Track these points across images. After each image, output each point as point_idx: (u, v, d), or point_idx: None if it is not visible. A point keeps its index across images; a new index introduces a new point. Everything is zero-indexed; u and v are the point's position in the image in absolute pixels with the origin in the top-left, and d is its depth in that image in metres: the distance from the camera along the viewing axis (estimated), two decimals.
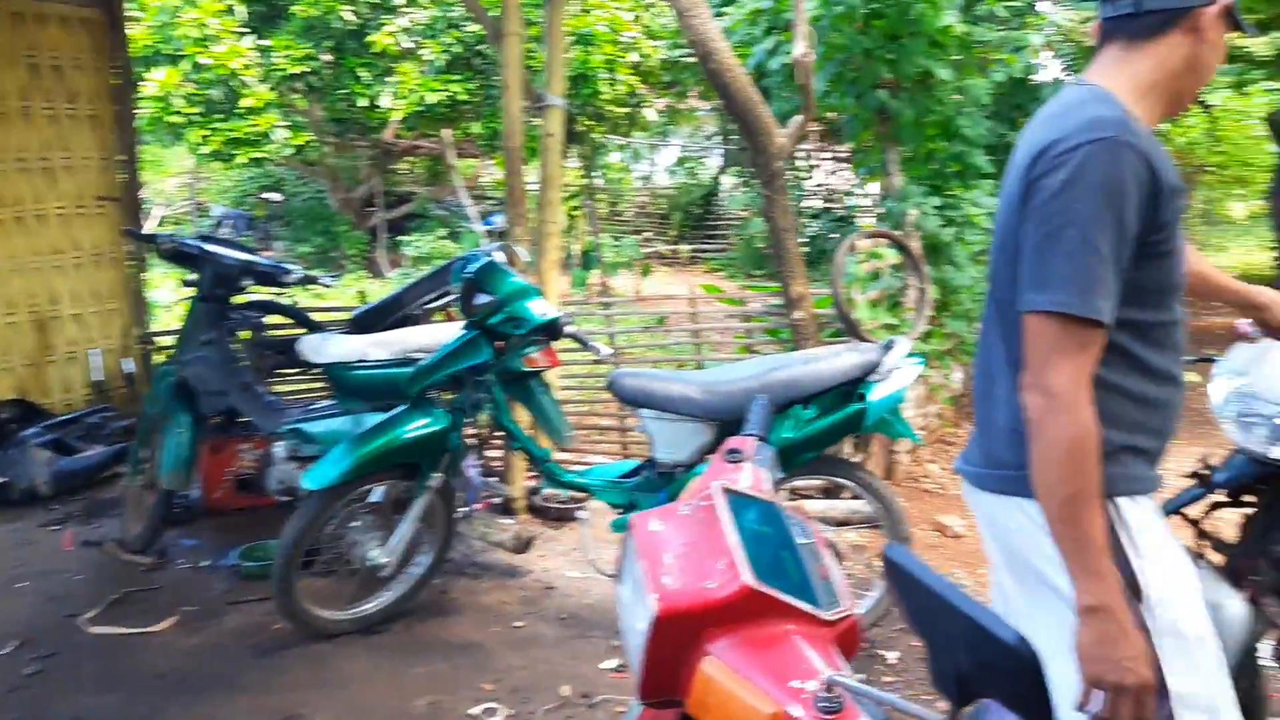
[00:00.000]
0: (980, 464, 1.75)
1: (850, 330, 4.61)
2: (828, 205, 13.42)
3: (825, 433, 3.24)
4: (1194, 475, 2.23)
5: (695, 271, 14.26)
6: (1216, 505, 2.25)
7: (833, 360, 3.25)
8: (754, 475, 1.45)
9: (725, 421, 3.24)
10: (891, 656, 3.49)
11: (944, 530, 4.84)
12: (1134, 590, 1.54)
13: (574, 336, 3.57)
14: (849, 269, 4.81)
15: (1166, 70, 1.64)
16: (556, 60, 4.37)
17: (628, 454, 5.15)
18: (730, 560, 1.16)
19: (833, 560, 1.34)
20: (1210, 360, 2.83)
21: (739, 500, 1.30)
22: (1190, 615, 1.60)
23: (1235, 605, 2.07)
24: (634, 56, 10.84)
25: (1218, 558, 2.19)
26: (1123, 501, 1.59)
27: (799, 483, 4.07)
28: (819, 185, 14.20)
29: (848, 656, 1.19)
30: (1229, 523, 2.22)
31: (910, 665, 3.43)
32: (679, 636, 1.15)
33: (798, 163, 13.86)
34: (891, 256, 5.15)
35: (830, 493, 4.46)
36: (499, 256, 3.61)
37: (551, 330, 3.45)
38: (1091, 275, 1.48)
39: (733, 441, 1.63)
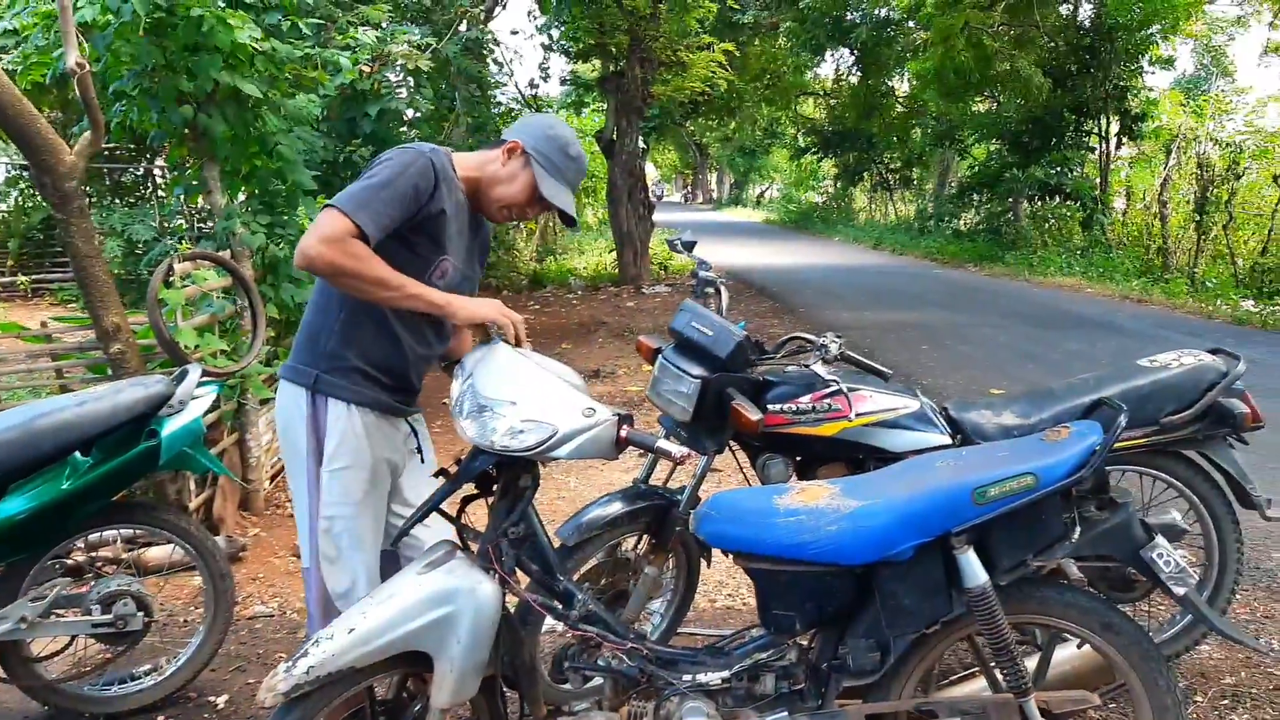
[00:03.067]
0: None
1: (176, 359, 4.32)
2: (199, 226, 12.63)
3: (110, 478, 2.95)
4: (441, 473, 2.36)
5: (41, 305, 12.61)
6: (469, 498, 2.40)
7: (113, 398, 2.97)
8: None
9: None
10: (220, 701, 3.32)
11: None
12: (319, 454, 2.52)
13: None
14: (168, 294, 4.48)
15: (484, 170, 2.57)
16: None
17: None
18: None
19: None
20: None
21: None
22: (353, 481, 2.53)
23: (486, 587, 2.22)
24: None
25: (476, 546, 2.34)
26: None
27: (108, 533, 3.71)
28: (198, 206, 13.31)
29: None
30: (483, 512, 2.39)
31: (240, 707, 3.29)
32: None
33: (159, 180, 12.89)
34: (219, 279, 4.93)
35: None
36: None
37: None
38: None
39: None
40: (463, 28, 10.08)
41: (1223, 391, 3.06)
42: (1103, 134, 19.62)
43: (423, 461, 2.76)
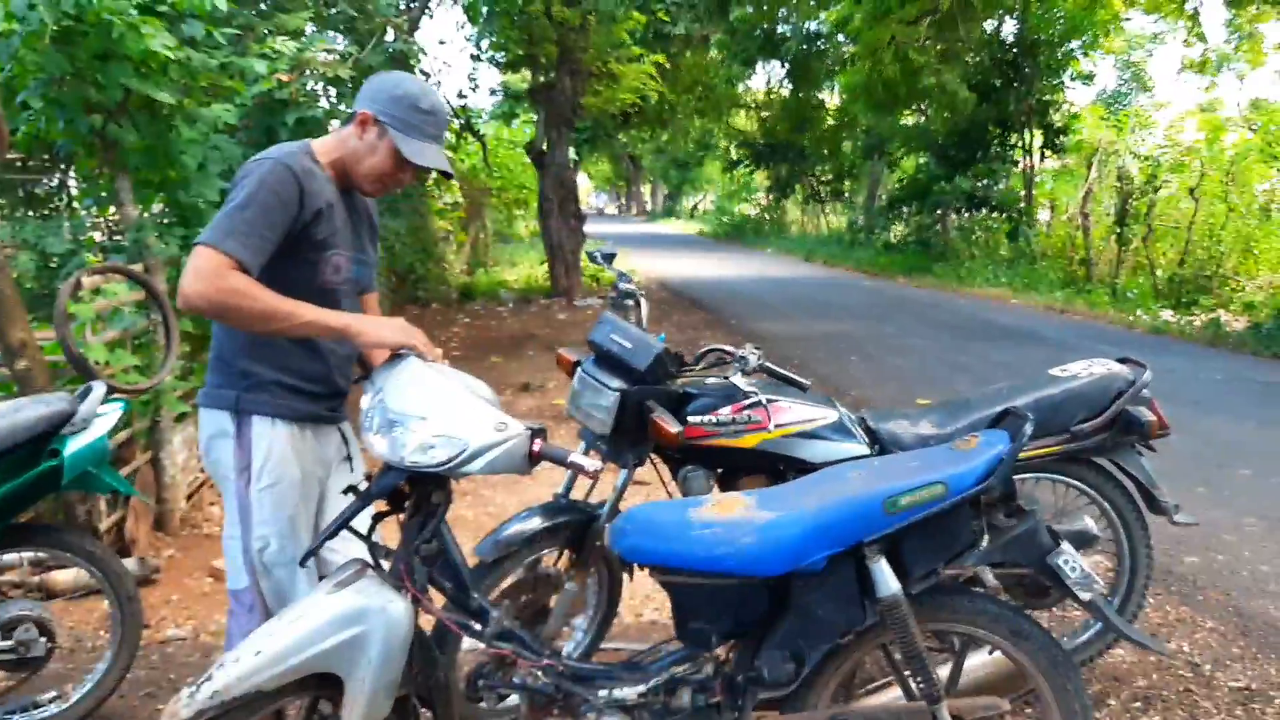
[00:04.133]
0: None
1: (85, 375, 4.19)
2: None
3: (10, 500, 2.85)
4: (351, 489, 2.32)
5: None
6: (380, 515, 2.36)
7: (11, 417, 2.86)
8: None
9: None
10: None
11: (219, 575, 4.63)
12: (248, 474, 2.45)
13: None
14: (76, 308, 4.35)
15: (345, 149, 2.48)
16: None
17: None
18: None
19: None
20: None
21: None
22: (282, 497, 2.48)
23: (398, 605, 2.18)
24: None
25: (388, 564, 2.30)
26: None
27: (10, 557, 3.60)
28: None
29: None
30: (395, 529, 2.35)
31: None
32: None
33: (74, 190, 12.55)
34: (131, 292, 4.80)
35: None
36: None
37: None
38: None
39: None
40: (388, 37, 9.99)
41: (1130, 400, 3.12)
42: (1026, 147, 20.10)
43: (352, 470, 2.71)
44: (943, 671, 2.39)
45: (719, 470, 3.22)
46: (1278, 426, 6.91)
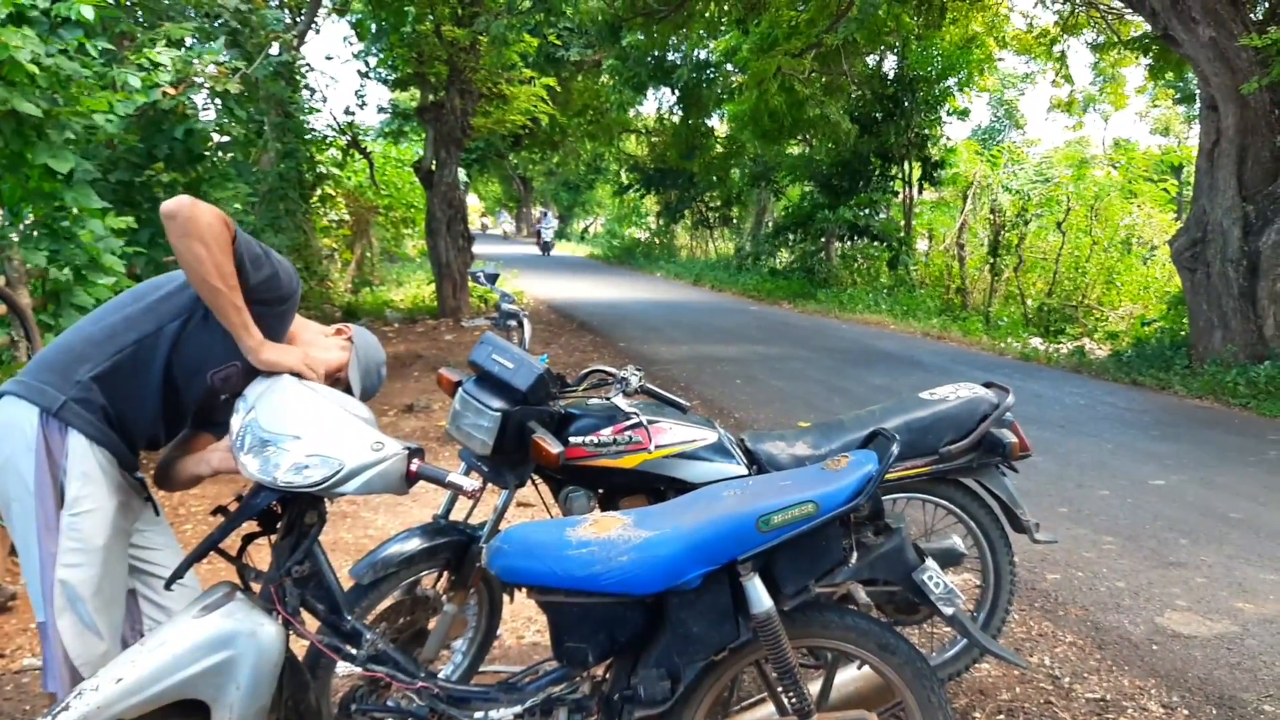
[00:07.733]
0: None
1: None
2: None
3: None
4: (219, 510, 2.26)
5: None
6: (251, 537, 2.31)
7: None
8: None
9: None
10: None
11: None
12: (57, 495, 2.26)
13: None
14: None
15: (312, 330, 2.67)
16: None
17: None
18: None
19: None
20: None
21: None
22: (96, 526, 2.29)
23: (268, 629, 2.14)
24: None
25: (259, 586, 2.25)
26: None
27: None
28: None
29: None
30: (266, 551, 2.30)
31: None
32: None
33: None
34: None
35: None
36: None
37: None
38: None
39: None
40: (274, 51, 9.80)
41: (994, 422, 3.26)
42: (906, 179, 20.80)
43: (157, 514, 2.61)
44: (814, 687, 2.45)
45: (600, 491, 3.24)
46: (1134, 449, 7.27)
